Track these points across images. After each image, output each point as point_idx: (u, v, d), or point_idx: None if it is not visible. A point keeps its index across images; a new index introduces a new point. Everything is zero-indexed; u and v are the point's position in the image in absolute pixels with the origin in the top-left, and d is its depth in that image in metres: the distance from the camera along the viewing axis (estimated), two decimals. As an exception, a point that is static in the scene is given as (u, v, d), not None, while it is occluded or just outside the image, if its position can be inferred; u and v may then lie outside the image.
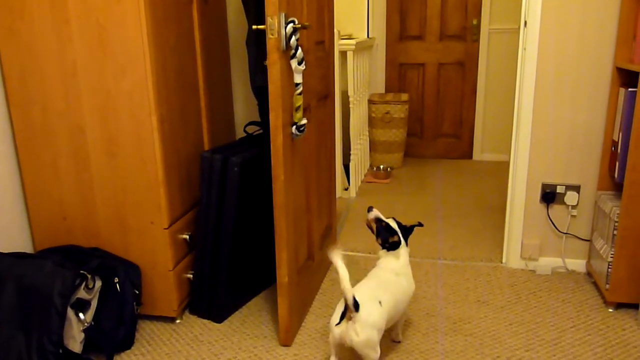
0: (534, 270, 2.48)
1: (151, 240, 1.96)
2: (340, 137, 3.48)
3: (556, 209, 2.43)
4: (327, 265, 2.50)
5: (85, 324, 1.77)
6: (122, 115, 1.85)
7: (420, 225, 1.90)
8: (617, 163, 2.14)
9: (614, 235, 2.09)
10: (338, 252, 1.58)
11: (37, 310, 1.67)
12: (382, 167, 4.05)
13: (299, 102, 1.78)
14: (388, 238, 1.83)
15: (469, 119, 4.50)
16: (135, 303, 1.92)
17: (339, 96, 3.28)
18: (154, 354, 1.90)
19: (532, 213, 2.45)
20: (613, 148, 2.21)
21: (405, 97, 4.20)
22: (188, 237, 2.08)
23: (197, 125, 2.22)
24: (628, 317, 2.08)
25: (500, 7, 4.23)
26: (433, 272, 2.49)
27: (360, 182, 3.88)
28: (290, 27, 1.66)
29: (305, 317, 2.12)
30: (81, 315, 1.76)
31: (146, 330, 2.05)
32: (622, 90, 2.14)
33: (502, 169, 4.12)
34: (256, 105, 2.59)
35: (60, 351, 1.67)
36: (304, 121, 1.83)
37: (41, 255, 1.84)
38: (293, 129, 1.80)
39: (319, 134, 2.24)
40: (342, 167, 3.63)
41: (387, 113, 4.15)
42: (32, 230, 2.04)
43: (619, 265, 2.07)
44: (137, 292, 1.94)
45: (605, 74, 2.24)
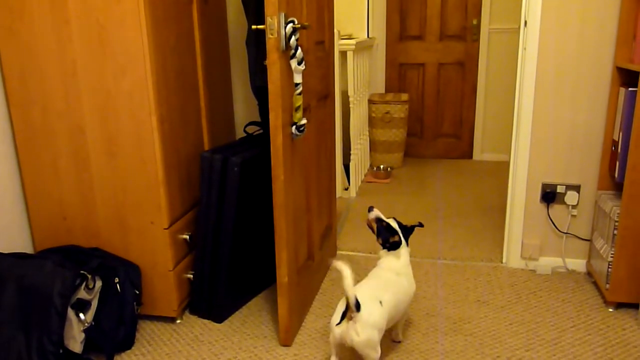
0: (534, 270, 2.48)
1: (151, 240, 1.96)
2: (340, 137, 3.48)
3: (556, 209, 2.43)
4: (327, 265, 2.50)
5: (86, 324, 1.77)
6: (122, 115, 1.85)
7: (420, 225, 1.90)
8: (617, 163, 2.14)
9: (614, 235, 2.09)
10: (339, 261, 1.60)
11: (37, 311, 1.67)
12: (382, 167, 4.05)
13: (298, 102, 1.78)
14: (389, 238, 1.83)
15: (469, 119, 4.50)
16: (135, 303, 1.92)
17: (339, 96, 3.29)
18: (154, 354, 1.90)
19: (532, 213, 2.45)
20: (613, 148, 2.21)
21: (405, 97, 4.20)
22: (188, 237, 2.08)
23: (197, 125, 2.22)
24: (628, 317, 2.08)
25: (500, 7, 4.23)
26: (433, 272, 2.49)
27: (360, 182, 3.88)
28: (290, 27, 1.66)
29: (305, 317, 2.12)
30: (81, 315, 1.76)
31: (146, 330, 2.05)
32: (622, 90, 2.14)
33: (502, 169, 4.12)
34: (256, 105, 2.59)
35: (61, 351, 1.67)
36: (304, 121, 1.83)
37: (41, 256, 1.84)
38: (293, 129, 1.80)
39: (319, 134, 2.24)
40: (342, 167, 3.63)
41: (387, 113, 4.15)
42: (32, 230, 2.04)
43: (619, 265, 2.07)
44: (137, 292, 1.94)
45: (605, 74, 2.24)
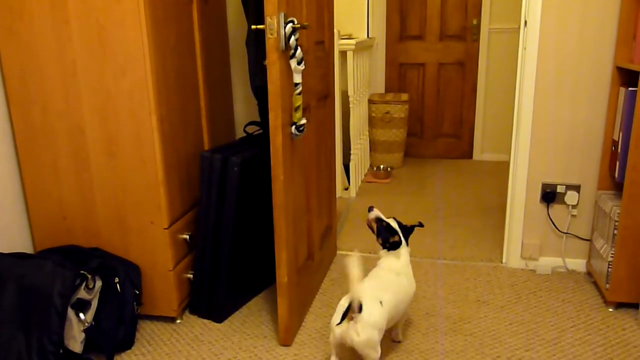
0: (534, 270, 2.48)
1: (151, 240, 1.96)
2: (340, 137, 3.48)
3: (556, 209, 2.43)
4: (327, 265, 2.50)
5: (86, 324, 1.77)
6: (122, 115, 1.85)
7: (420, 225, 1.90)
8: (617, 162, 2.14)
9: (614, 235, 2.09)
10: (354, 257, 1.59)
11: (37, 311, 1.67)
12: (382, 167, 4.05)
13: (298, 102, 1.78)
14: (389, 238, 1.83)
15: (469, 119, 4.49)
16: (135, 303, 1.92)
17: (339, 96, 3.29)
18: (154, 354, 1.90)
19: (532, 213, 2.45)
20: (613, 148, 2.21)
21: (405, 97, 4.20)
22: (188, 237, 2.08)
23: (197, 125, 2.22)
24: (628, 317, 2.08)
25: (500, 7, 4.23)
26: (433, 271, 2.49)
27: (360, 182, 3.88)
28: (290, 27, 1.66)
29: (305, 317, 2.12)
30: (81, 315, 1.76)
31: (146, 330, 2.05)
32: (622, 90, 2.14)
33: (502, 169, 4.12)
34: (256, 105, 2.59)
35: (61, 351, 1.67)
36: (304, 121, 1.83)
37: (41, 256, 1.84)
38: (292, 129, 1.80)
39: (319, 134, 2.24)
40: (342, 167, 3.63)
41: (387, 113, 4.15)
42: (32, 230, 2.04)
43: (619, 265, 2.07)
44: (137, 292, 1.94)
45: (605, 74, 2.24)
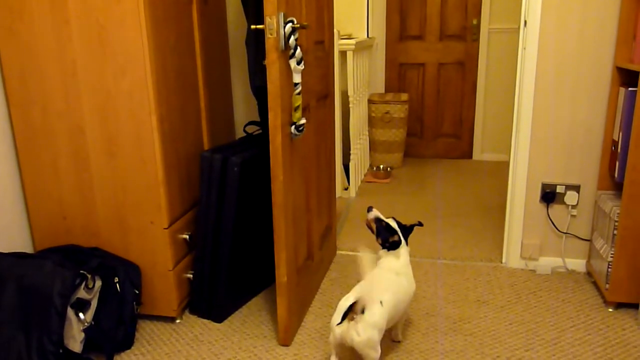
0: (534, 270, 2.48)
1: (151, 240, 1.96)
2: (340, 136, 3.48)
3: (556, 209, 2.43)
4: (326, 265, 2.50)
5: (85, 324, 1.77)
6: (122, 115, 1.85)
7: (420, 224, 1.90)
8: (617, 163, 2.14)
9: (614, 235, 2.09)
10: (366, 255, 1.59)
11: (37, 310, 1.67)
12: (382, 167, 4.05)
13: (298, 101, 1.78)
14: (388, 238, 1.83)
15: (469, 118, 4.50)
16: (135, 303, 1.92)
17: (339, 96, 3.29)
18: (154, 354, 1.90)
19: (532, 213, 2.45)
20: (613, 148, 2.21)
21: (405, 97, 4.20)
22: (188, 237, 2.09)
23: (197, 125, 2.22)
24: (628, 317, 2.08)
25: (500, 7, 4.23)
26: (433, 271, 2.49)
27: (360, 182, 3.88)
28: (289, 27, 1.66)
29: (305, 316, 2.12)
30: (81, 315, 1.76)
31: (146, 330, 2.05)
32: (622, 90, 2.14)
33: (502, 169, 4.12)
34: (256, 105, 2.59)
35: (61, 351, 1.67)
36: (303, 121, 1.83)
37: (41, 255, 1.84)
38: (292, 129, 1.80)
39: (319, 134, 2.24)
40: (342, 166, 3.63)
41: (387, 113, 4.15)
42: (32, 230, 2.04)
43: (619, 265, 2.07)
44: (137, 291, 1.94)
45: (605, 74, 2.24)
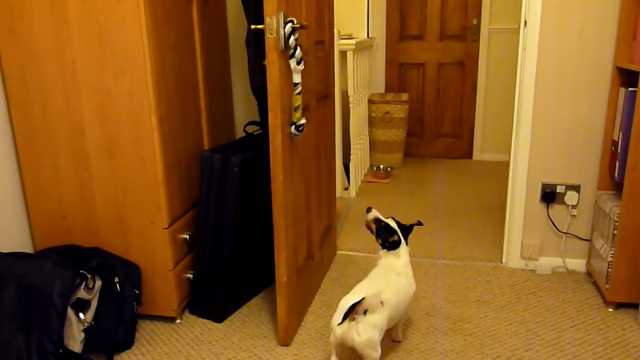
0: (534, 270, 2.48)
1: (151, 240, 1.96)
2: (340, 136, 3.48)
3: (556, 209, 2.43)
4: (326, 265, 2.50)
5: (85, 324, 1.77)
6: (121, 115, 1.85)
7: (419, 224, 1.90)
8: (617, 163, 2.14)
9: (614, 235, 2.09)
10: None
11: (37, 310, 1.67)
12: (382, 167, 4.05)
13: (297, 101, 1.78)
14: (388, 238, 1.83)
15: (469, 118, 4.49)
16: (135, 303, 1.92)
17: (339, 96, 3.29)
18: (154, 354, 1.90)
19: (532, 213, 2.45)
20: (613, 148, 2.21)
21: (405, 97, 4.20)
22: (188, 236, 2.08)
23: (197, 124, 2.22)
24: (628, 317, 2.08)
25: (500, 7, 4.23)
26: (433, 271, 2.49)
27: (360, 182, 3.88)
28: (289, 27, 1.66)
29: (305, 316, 2.12)
30: (81, 315, 1.76)
31: (146, 330, 2.05)
32: (622, 90, 2.14)
33: (502, 169, 4.12)
34: (256, 105, 2.59)
35: (61, 351, 1.67)
36: (303, 121, 1.83)
37: (41, 255, 1.84)
38: (292, 129, 1.80)
39: (319, 134, 2.24)
40: (342, 166, 3.63)
41: (387, 113, 4.15)
42: (32, 230, 2.04)
43: (619, 265, 2.07)
44: (137, 291, 1.94)
45: (605, 74, 2.24)
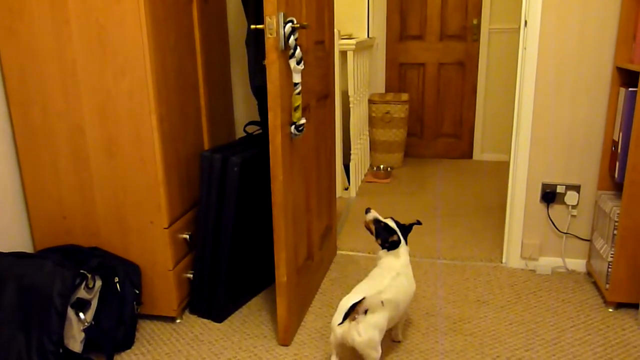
0: (534, 270, 2.48)
1: (151, 240, 1.96)
2: (341, 136, 3.48)
3: (556, 209, 2.43)
4: (326, 265, 2.50)
5: (86, 324, 1.77)
6: (121, 115, 1.85)
7: (418, 223, 1.90)
8: (617, 163, 2.14)
9: (614, 235, 2.09)
10: None
11: (37, 310, 1.67)
12: (382, 167, 4.05)
13: (297, 101, 1.78)
14: (387, 238, 1.83)
15: (469, 119, 4.49)
16: (135, 303, 1.92)
17: (339, 96, 3.29)
18: (154, 354, 1.90)
19: (532, 213, 2.45)
20: (613, 148, 2.21)
21: (405, 97, 4.20)
22: (188, 236, 2.09)
23: (197, 124, 2.22)
24: (628, 317, 2.08)
25: (500, 7, 4.23)
26: (433, 271, 2.49)
27: (360, 182, 3.88)
28: (289, 27, 1.66)
29: (305, 316, 2.12)
30: (81, 315, 1.76)
31: (146, 329, 2.05)
32: (622, 90, 2.14)
33: (502, 169, 4.12)
34: (256, 105, 2.59)
35: (61, 351, 1.67)
36: (303, 121, 1.83)
37: (41, 255, 1.84)
38: (292, 129, 1.80)
39: (319, 134, 2.24)
40: (342, 166, 3.63)
41: (387, 113, 4.15)
42: (32, 229, 2.04)
43: (619, 265, 2.07)
44: (137, 291, 1.94)
45: (605, 74, 2.24)
